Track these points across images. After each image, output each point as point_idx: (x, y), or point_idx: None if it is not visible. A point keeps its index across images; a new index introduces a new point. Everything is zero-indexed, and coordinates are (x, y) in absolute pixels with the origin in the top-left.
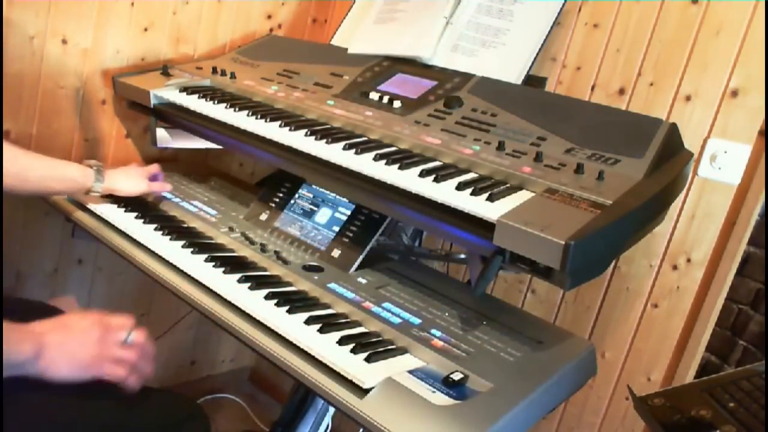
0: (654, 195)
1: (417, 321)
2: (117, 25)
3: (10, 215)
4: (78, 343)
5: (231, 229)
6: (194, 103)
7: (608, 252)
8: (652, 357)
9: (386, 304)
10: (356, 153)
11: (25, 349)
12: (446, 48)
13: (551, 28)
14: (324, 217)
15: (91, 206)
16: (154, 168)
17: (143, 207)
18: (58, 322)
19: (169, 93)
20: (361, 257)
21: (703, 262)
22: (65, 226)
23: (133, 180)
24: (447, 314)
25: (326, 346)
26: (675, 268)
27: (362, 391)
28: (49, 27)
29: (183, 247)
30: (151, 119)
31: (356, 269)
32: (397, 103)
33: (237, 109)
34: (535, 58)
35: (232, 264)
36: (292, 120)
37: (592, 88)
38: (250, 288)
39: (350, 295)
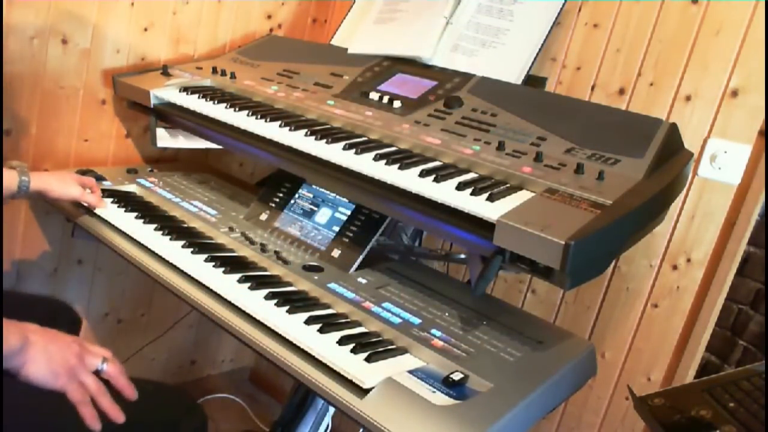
0: (654, 195)
1: (417, 321)
2: (117, 25)
3: (11, 215)
4: (58, 349)
5: (231, 229)
6: (194, 103)
7: (608, 252)
8: (652, 357)
9: (386, 304)
10: (356, 153)
11: (12, 342)
12: (446, 48)
13: (551, 28)
14: (324, 217)
15: None
16: (89, 180)
17: (143, 207)
18: (43, 328)
19: (169, 93)
20: (361, 257)
21: (703, 262)
22: (65, 226)
23: (65, 183)
24: (447, 314)
25: (326, 346)
26: (675, 268)
27: (362, 391)
28: (49, 27)
29: (183, 247)
30: (151, 119)
31: (356, 269)
32: (397, 103)
33: (237, 109)
34: (535, 58)
35: (232, 264)
36: (292, 120)
37: (592, 88)
38: (250, 288)
39: (350, 295)
